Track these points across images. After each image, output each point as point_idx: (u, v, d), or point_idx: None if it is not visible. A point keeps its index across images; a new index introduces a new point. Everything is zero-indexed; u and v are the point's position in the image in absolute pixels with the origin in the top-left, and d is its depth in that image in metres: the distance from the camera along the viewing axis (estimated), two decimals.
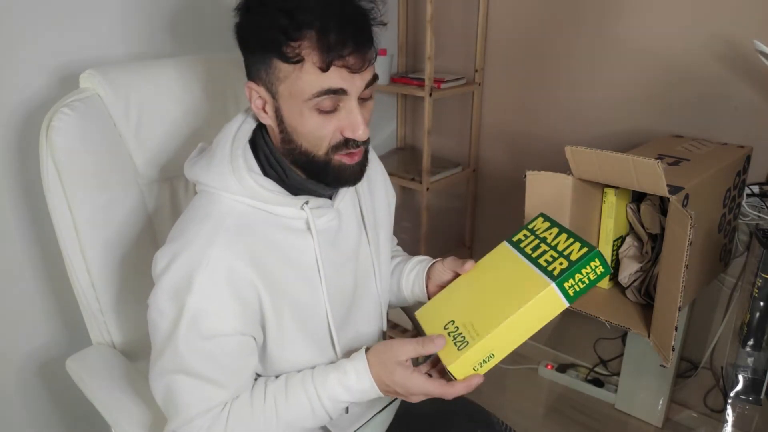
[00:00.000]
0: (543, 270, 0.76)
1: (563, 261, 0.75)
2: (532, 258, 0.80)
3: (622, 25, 1.58)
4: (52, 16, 1.15)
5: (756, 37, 1.23)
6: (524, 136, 1.88)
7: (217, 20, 1.40)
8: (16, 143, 1.16)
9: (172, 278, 0.72)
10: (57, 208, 0.94)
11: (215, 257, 0.72)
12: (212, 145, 0.81)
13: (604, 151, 1.06)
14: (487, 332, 0.72)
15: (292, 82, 0.71)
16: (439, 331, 0.79)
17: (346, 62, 0.70)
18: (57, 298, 1.30)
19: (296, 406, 0.78)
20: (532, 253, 0.80)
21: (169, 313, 0.73)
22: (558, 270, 0.74)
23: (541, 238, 0.82)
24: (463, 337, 0.75)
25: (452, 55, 1.96)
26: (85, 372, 0.98)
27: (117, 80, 0.98)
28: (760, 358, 1.12)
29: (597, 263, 0.74)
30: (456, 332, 0.76)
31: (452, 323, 0.78)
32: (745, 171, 1.33)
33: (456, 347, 0.74)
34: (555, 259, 0.76)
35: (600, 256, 0.74)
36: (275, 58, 0.71)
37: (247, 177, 0.76)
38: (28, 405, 1.32)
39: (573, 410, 1.82)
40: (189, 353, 0.73)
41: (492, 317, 0.74)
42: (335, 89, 0.71)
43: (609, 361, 1.88)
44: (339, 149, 0.75)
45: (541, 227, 0.85)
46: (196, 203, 0.79)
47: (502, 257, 0.85)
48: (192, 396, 0.74)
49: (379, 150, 2.14)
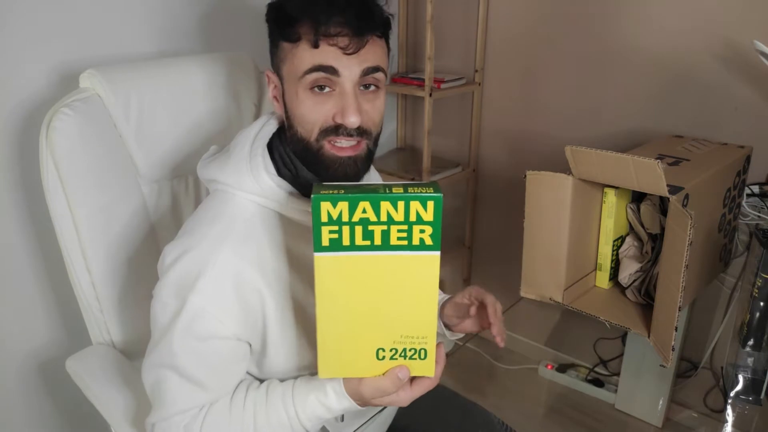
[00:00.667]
0: (408, 249, 0.66)
1: (423, 228, 0.65)
2: (379, 246, 0.66)
3: (623, 25, 1.58)
4: (52, 16, 1.15)
5: (756, 37, 1.23)
6: (524, 136, 1.88)
7: (218, 20, 1.40)
8: (16, 143, 1.16)
9: (179, 274, 0.73)
10: (57, 208, 0.94)
11: (222, 260, 0.73)
12: (230, 145, 0.81)
13: (604, 151, 1.06)
14: (431, 330, 0.70)
15: (290, 61, 0.73)
16: (379, 366, 0.72)
17: (337, 41, 0.70)
18: (57, 298, 1.30)
19: (275, 423, 0.76)
20: (372, 242, 0.66)
21: (171, 307, 0.73)
22: (428, 239, 0.66)
23: (359, 221, 0.65)
24: (414, 349, 0.71)
25: (452, 55, 1.96)
26: (85, 372, 0.98)
27: (117, 80, 0.98)
28: (760, 358, 1.12)
29: (440, 199, 0.65)
30: (398, 353, 0.71)
31: (382, 350, 0.71)
32: (745, 171, 1.33)
33: (418, 359, 0.71)
34: (408, 232, 0.66)
35: (438, 194, 0.64)
36: (280, 38, 0.74)
37: (264, 175, 0.76)
38: (28, 405, 1.32)
39: (573, 410, 1.82)
40: (181, 351, 0.73)
41: (418, 318, 0.69)
42: (326, 66, 0.71)
43: (609, 361, 1.88)
44: (329, 134, 0.74)
45: (338, 211, 0.64)
46: (210, 203, 0.79)
47: (341, 268, 0.67)
48: (176, 394, 0.75)
49: (379, 150, 2.12)
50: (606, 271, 1.31)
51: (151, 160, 1.02)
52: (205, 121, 1.08)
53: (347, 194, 0.64)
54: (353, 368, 0.73)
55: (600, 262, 1.31)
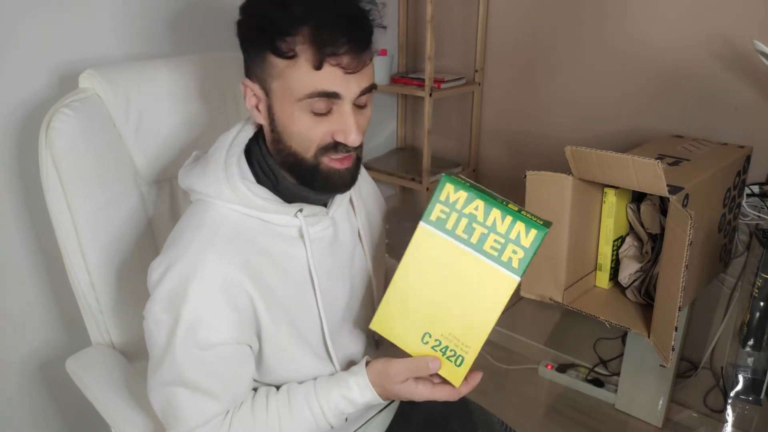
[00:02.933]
0: (497, 261, 0.71)
1: (517, 249, 0.70)
2: (473, 244, 0.72)
3: (623, 25, 1.58)
4: (52, 16, 1.15)
5: (756, 37, 1.23)
6: (524, 136, 1.88)
7: (218, 20, 1.40)
8: (15, 143, 1.16)
9: (167, 288, 0.72)
10: (56, 209, 0.94)
11: (209, 267, 0.72)
12: (208, 153, 0.80)
13: (604, 151, 1.06)
14: (478, 343, 0.73)
15: (285, 80, 0.70)
16: (419, 347, 0.76)
17: (340, 61, 0.68)
18: (57, 298, 1.30)
19: (300, 421, 0.78)
20: (469, 237, 0.72)
21: (166, 323, 0.72)
22: (516, 261, 0.70)
23: (468, 215, 0.72)
24: (454, 351, 0.74)
25: (452, 55, 1.96)
26: (84, 372, 0.98)
27: (117, 80, 0.98)
28: (760, 358, 1.12)
29: (545, 234, 0.69)
30: (440, 346, 0.75)
31: (428, 336, 0.75)
32: (745, 171, 1.33)
33: (453, 363, 0.74)
34: (504, 246, 0.70)
35: (545, 227, 0.69)
36: (269, 52, 0.70)
37: (240, 184, 0.75)
38: (28, 405, 1.32)
39: (573, 410, 1.82)
40: (188, 363, 0.73)
41: (473, 326, 0.72)
42: (328, 92, 0.70)
43: (609, 361, 1.88)
44: (327, 151, 0.74)
45: (456, 198, 0.72)
46: (190, 212, 0.78)
47: (433, 245, 0.74)
48: (190, 408, 0.74)
49: (379, 150, 2.14)
50: (606, 271, 1.31)
51: (151, 160, 1.02)
52: (204, 122, 1.08)
53: (470, 187, 0.72)
54: (398, 337, 0.77)
55: (600, 262, 1.31)
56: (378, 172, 1.94)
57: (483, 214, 0.71)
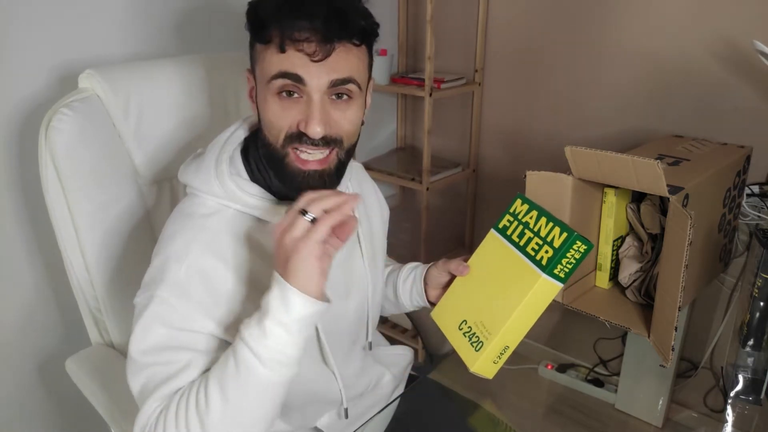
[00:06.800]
0: (532, 260, 0.79)
1: (548, 249, 0.78)
2: (520, 246, 0.81)
3: (622, 24, 1.58)
4: (52, 16, 1.15)
5: (756, 37, 1.23)
6: (524, 136, 1.88)
7: (217, 20, 1.40)
8: (15, 143, 1.16)
9: (150, 272, 0.74)
10: (56, 208, 0.94)
11: (193, 254, 0.73)
12: (205, 150, 0.82)
13: (604, 151, 1.06)
14: (498, 331, 0.77)
15: (260, 63, 0.73)
16: (454, 332, 0.83)
17: (303, 47, 0.69)
18: (56, 298, 1.30)
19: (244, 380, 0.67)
20: (519, 241, 0.82)
21: (141, 301, 0.73)
22: (545, 259, 0.77)
23: (524, 222, 0.84)
24: (477, 337, 0.79)
25: (452, 55, 1.96)
26: (84, 372, 0.98)
27: (116, 80, 0.98)
28: (760, 358, 1.12)
29: (579, 244, 0.77)
30: (470, 332, 0.81)
31: (465, 323, 0.82)
32: (745, 171, 1.33)
33: (473, 348, 0.79)
34: (540, 246, 0.79)
35: (580, 237, 0.77)
36: (254, 39, 0.74)
37: (229, 181, 0.76)
38: (28, 405, 1.32)
39: (573, 410, 1.81)
40: (149, 337, 0.72)
41: (498, 315, 0.78)
42: (290, 73, 0.70)
43: (609, 361, 1.88)
44: (293, 141, 0.73)
45: (521, 210, 0.86)
46: (182, 204, 0.80)
47: (494, 248, 0.86)
48: (148, 380, 0.72)
49: (379, 150, 2.14)
50: (606, 271, 1.31)
51: (150, 159, 1.02)
52: (204, 121, 1.08)
53: (535, 206, 0.85)
54: (443, 320, 0.87)
55: (600, 262, 1.31)
56: (378, 172, 1.94)
57: (534, 222, 0.82)
